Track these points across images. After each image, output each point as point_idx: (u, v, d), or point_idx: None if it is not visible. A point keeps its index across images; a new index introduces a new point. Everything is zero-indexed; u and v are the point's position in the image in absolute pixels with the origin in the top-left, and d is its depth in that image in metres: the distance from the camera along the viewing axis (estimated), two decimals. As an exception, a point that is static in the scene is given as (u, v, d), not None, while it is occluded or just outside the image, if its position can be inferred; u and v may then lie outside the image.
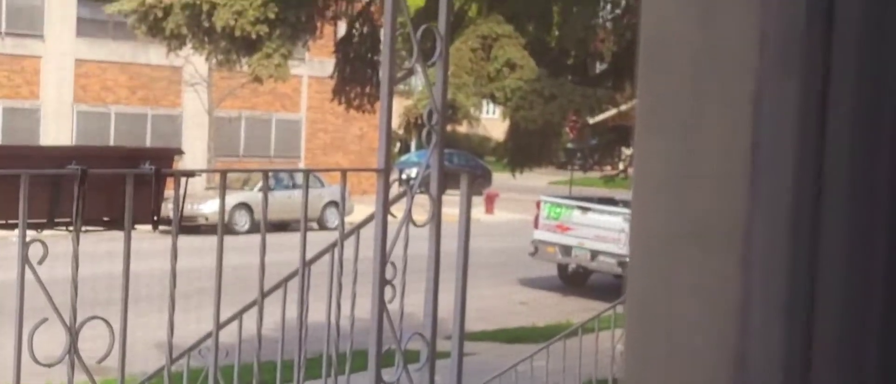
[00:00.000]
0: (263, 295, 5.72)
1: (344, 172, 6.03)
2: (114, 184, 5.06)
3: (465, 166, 45.49)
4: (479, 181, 43.33)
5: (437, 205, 6.13)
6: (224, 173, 5.19)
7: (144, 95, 37.68)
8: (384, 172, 5.95)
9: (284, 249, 7.20)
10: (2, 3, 35.21)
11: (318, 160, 40.99)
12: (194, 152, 38.32)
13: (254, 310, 5.58)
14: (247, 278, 5.58)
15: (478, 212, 36.77)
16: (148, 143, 37.73)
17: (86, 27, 36.30)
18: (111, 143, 37.03)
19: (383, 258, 5.84)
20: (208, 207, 28.69)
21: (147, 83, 37.67)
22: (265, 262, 5.47)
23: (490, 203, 39.35)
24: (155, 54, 13.56)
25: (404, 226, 6.07)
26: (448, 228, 6.21)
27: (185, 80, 36.44)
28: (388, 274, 5.91)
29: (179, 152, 6.21)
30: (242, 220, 30.96)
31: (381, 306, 5.90)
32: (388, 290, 5.92)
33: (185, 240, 7.99)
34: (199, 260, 6.69)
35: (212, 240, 5.07)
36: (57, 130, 36.11)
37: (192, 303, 6.81)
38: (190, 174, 5.45)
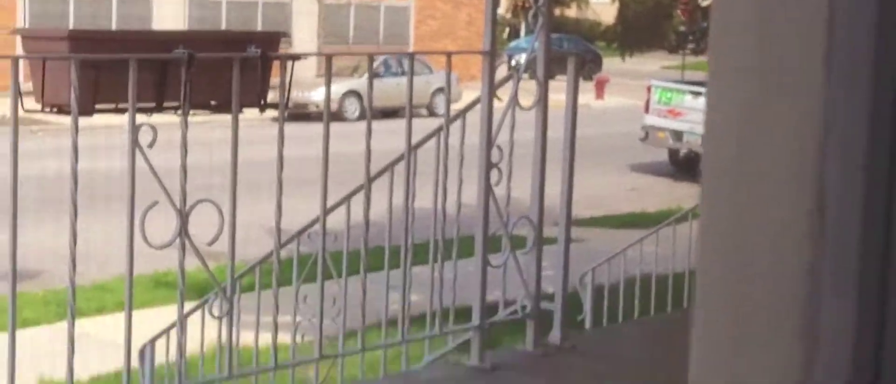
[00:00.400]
0: (370, 180, 5.74)
1: (449, 55, 5.98)
2: (220, 68, 5.07)
3: (575, 51, 45.08)
4: (588, 66, 42.89)
5: (543, 89, 6.07)
6: (329, 57, 5.18)
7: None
8: (489, 55, 5.90)
9: (393, 136, 7.21)
10: None
11: (427, 46, 40.92)
12: (303, 40, 38.50)
13: (362, 196, 5.60)
14: (357, 165, 5.59)
15: (587, 97, 36.50)
16: (259, 28, 37.96)
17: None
18: (223, 28, 37.36)
19: (489, 141, 5.81)
20: (318, 95, 28.76)
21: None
22: (372, 149, 5.48)
23: (600, 88, 39.00)
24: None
25: (511, 110, 6.03)
26: (555, 115, 6.16)
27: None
28: (495, 157, 5.89)
29: (284, 35, 6.19)
30: (352, 107, 31.08)
31: (487, 189, 5.89)
32: (494, 174, 5.91)
33: (295, 128, 8.07)
34: (309, 148, 6.72)
35: (321, 128, 5.08)
36: (170, 17, 36.46)
37: (303, 190, 6.87)
38: (295, 58, 5.44)
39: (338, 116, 27.47)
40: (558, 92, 6.29)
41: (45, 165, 15.64)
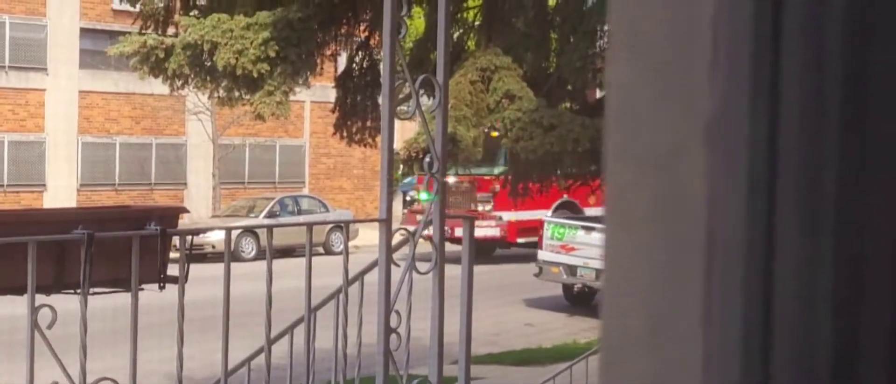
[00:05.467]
0: (270, 344, 5.82)
1: (346, 224, 6.09)
2: (120, 244, 5.15)
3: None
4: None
5: (440, 253, 6.22)
6: (229, 231, 5.27)
7: (148, 125, 37.82)
8: (386, 222, 6.05)
9: (291, 277, 7.29)
10: (5, 37, 35.38)
11: (323, 184, 41.08)
12: (198, 181, 38.45)
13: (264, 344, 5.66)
14: (257, 305, 5.69)
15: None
16: (153, 172, 37.85)
17: (88, 59, 36.48)
18: (116, 172, 37.18)
19: (388, 307, 5.93)
20: (215, 235, 28.75)
21: (151, 113, 37.82)
22: (272, 292, 5.56)
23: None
24: (158, 85, 13.66)
25: (408, 274, 6.16)
26: (452, 251, 6.30)
27: (189, 109, 36.58)
28: (393, 322, 6.01)
29: (184, 211, 6.29)
30: (249, 247, 31.06)
31: (387, 353, 6.00)
32: (393, 340, 6.02)
33: (192, 269, 8.04)
34: (209, 289, 6.81)
35: (218, 269, 5.18)
36: (63, 162, 36.26)
37: (207, 336, 6.91)
38: (195, 233, 5.53)
39: (235, 256, 27.38)
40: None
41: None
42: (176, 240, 5.89)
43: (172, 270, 5.72)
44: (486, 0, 13.17)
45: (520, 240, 30.15)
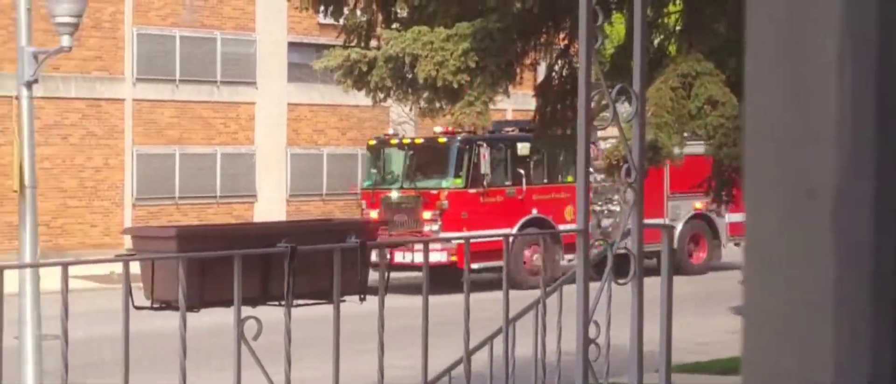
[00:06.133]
0: (469, 354, 5.87)
1: (543, 236, 6.09)
2: (321, 257, 5.28)
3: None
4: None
5: (638, 263, 6.18)
6: (427, 243, 5.34)
7: (354, 136, 38.49)
8: (583, 232, 6.04)
9: (494, 286, 7.33)
10: (217, 53, 36.53)
11: (526, 192, 41.17)
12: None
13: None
14: (457, 315, 5.74)
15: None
16: (359, 182, 38.52)
17: (296, 72, 37.39)
18: (324, 183, 37.96)
19: (586, 318, 5.92)
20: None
21: (356, 124, 38.53)
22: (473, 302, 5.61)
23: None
24: (362, 96, 14.00)
25: (607, 284, 6.14)
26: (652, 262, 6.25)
27: (393, 119, 37.17)
28: (592, 332, 5.99)
29: (383, 224, 6.38)
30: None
31: (585, 363, 5.98)
32: (592, 350, 6.01)
33: (394, 278, 8.20)
34: (409, 298, 6.93)
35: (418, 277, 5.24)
36: (272, 173, 37.19)
37: (409, 345, 7.01)
38: (393, 245, 5.59)
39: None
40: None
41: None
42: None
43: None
44: (687, 5, 13.02)
45: (475, 266, 21.09)
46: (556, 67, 13.67)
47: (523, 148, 26.99)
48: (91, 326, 15.51)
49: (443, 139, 27.00)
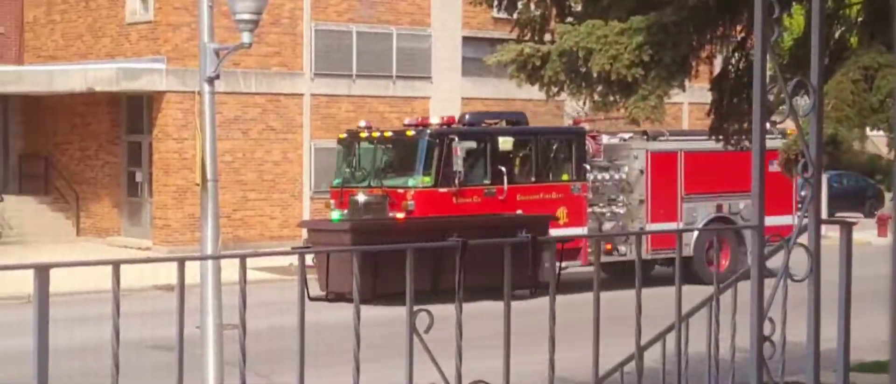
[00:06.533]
0: (642, 350, 5.83)
1: (717, 232, 6.01)
2: (492, 251, 5.31)
3: (853, 187, 43.99)
4: (870, 202, 41.79)
5: (815, 260, 6.06)
6: (598, 239, 5.30)
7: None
8: (758, 229, 5.95)
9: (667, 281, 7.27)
10: (392, 48, 36.96)
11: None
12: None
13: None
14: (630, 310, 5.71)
15: (869, 235, 35.49)
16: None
17: (470, 67, 37.59)
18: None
19: (761, 317, 5.83)
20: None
21: (531, 117, 38.57)
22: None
23: (882, 225, 37.85)
24: (535, 91, 13.94)
25: (782, 281, 6.04)
26: (829, 256, 6.10)
27: (567, 113, 37.08)
28: (766, 329, 5.90)
29: (553, 219, 6.38)
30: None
31: (760, 361, 5.89)
32: (766, 345, 5.91)
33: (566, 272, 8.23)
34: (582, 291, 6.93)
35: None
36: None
37: (580, 339, 7.01)
38: (564, 240, 5.60)
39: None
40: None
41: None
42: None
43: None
44: (869, -4, 12.69)
45: None
46: (733, 60, 13.46)
47: (505, 142, 24.45)
48: (270, 316, 15.87)
49: (411, 132, 24.55)
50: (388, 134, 25.24)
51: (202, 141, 12.01)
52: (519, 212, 22.26)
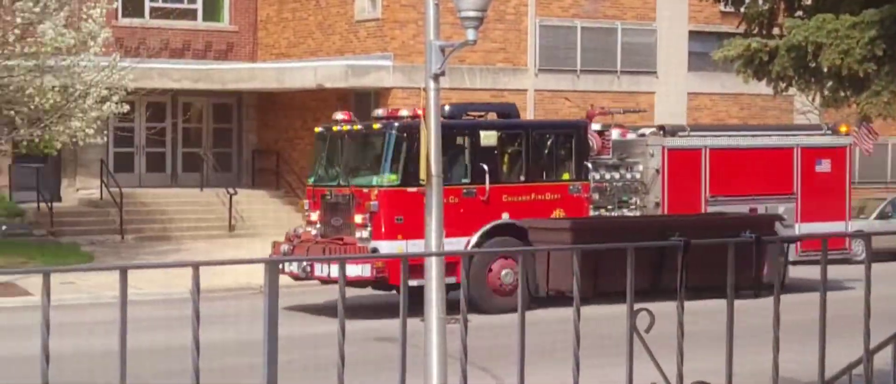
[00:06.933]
0: (871, 354, 5.67)
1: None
2: (715, 251, 5.23)
3: None
4: None
5: None
6: (826, 238, 5.20)
7: (757, 125, 37.87)
8: None
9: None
10: (618, 43, 36.79)
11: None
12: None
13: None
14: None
15: None
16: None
17: (696, 61, 37.12)
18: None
19: None
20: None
21: (758, 113, 37.85)
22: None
23: None
24: (763, 85, 13.58)
25: None
26: None
27: (797, 108, 36.26)
28: None
29: (779, 218, 6.26)
30: (858, 250, 30.26)
31: None
32: None
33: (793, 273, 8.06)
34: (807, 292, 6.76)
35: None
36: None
37: (809, 340, 6.88)
38: (791, 240, 5.46)
39: (846, 259, 26.76)
40: None
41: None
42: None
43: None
44: None
45: (413, 283, 14.87)
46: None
47: (488, 137, 21.80)
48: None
49: (377, 125, 22.02)
50: (357, 127, 22.58)
51: (427, 136, 12.18)
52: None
